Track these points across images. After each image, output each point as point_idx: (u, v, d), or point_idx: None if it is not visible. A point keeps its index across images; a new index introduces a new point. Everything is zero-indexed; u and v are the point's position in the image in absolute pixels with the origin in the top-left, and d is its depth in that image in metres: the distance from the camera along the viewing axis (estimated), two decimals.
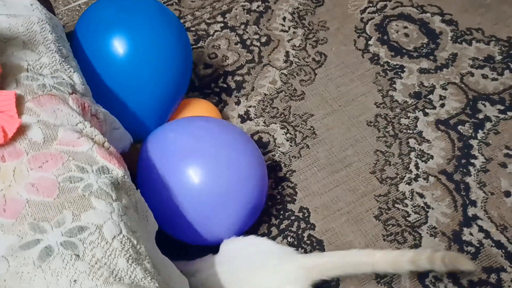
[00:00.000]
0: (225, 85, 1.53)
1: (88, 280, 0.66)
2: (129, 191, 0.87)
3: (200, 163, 1.13)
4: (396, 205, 1.27)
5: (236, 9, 1.70)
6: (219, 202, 1.12)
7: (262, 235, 1.24)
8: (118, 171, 0.83)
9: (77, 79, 0.96)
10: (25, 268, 0.66)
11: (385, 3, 1.68)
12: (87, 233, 0.70)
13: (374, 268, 1.05)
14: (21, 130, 0.78)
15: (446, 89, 1.47)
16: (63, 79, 0.91)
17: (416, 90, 1.48)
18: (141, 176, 1.17)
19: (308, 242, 1.23)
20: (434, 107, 1.44)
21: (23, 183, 0.73)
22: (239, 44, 1.62)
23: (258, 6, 1.70)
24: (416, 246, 1.20)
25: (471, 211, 1.25)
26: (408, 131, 1.40)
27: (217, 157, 1.14)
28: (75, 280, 0.65)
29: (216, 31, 1.66)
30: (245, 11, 1.70)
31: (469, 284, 1.14)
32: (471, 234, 1.21)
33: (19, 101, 0.81)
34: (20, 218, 0.70)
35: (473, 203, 1.26)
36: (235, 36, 1.64)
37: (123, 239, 0.73)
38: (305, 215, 1.27)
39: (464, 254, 1.18)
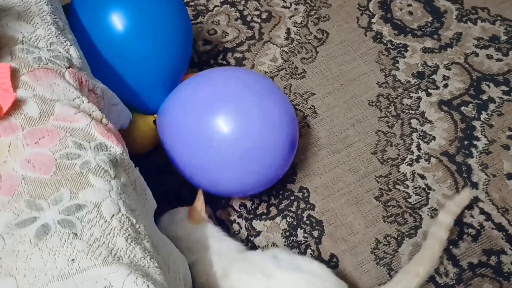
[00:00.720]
0: (224, 62, 1.49)
1: (86, 259, 0.64)
2: (127, 168, 0.85)
3: (227, 112, 1.07)
4: (397, 186, 1.26)
5: None
6: (250, 152, 1.06)
7: (261, 214, 1.23)
8: (116, 148, 0.81)
9: (74, 52, 0.93)
10: (22, 246, 0.64)
11: None
12: (85, 211, 0.68)
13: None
14: (17, 105, 0.75)
15: (450, 69, 1.45)
16: (60, 52, 0.88)
17: (420, 70, 1.45)
18: (166, 132, 1.14)
19: (308, 222, 1.22)
20: (437, 88, 1.41)
21: (18, 159, 0.71)
22: (239, 20, 1.58)
23: None
24: (417, 227, 1.19)
25: (472, 193, 1.23)
26: (411, 111, 1.38)
27: (244, 105, 1.08)
28: (73, 259, 0.64)
29: (215, 6, 1.62)
30: None
31: (469, 266, 1.13)
32: (472, 216, 1.20)
33: (14, 74, 0.78)
34: (16, 195, 0.68)
35: (475, 185, 1.25)
36: (235, 12, 1.60)
37: (122, 217, 0.71)
38: (305, 195, 1.26)
39: (465, 236, 1.17)
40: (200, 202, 1.10)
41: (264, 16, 1.59)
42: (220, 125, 1.05)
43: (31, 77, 0.80)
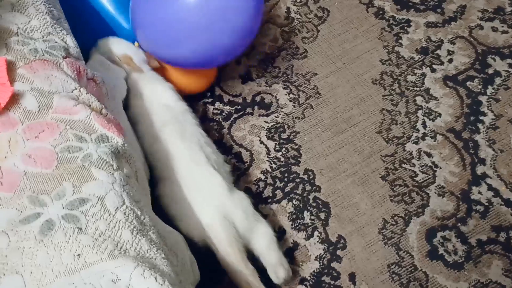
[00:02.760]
0: None
1: (92, 254, 0.63)
2: (129, 159, 0.84)
3: None
4: (403, 165, 1.25)
5: None
6: (213, 21, 1.08)
7: (267, 198, 1.22)
8: (117, 139, 0.80)
9: (70, 42, 0.92)
10: (27, 243, 0.64)
11: None
12: (89, 205, 0.68)
13: None
14: (14, 99, 0.74)
15: (454, 44, 1.42)
16: (56, 42, 0.87)
17: (423, 46, 1.42)
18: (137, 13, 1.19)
19: (314, 204, 1.21)
20: (442, 63, 1.39)
21: (19, 154, 0.70)
22: None
23: None
24: (424, 206, 1.18)
25: (480, 169, 1.22)
26: (415, 88, 1.36)
27: None
28: (78, 254, 0.63)
29: None
30: None
31: (478, 243, 1.13)
32: (480, 193, 1.19)
33: (10, 68, 0.77)
34: (18, 191, 0.67)
35: (482, 161, 1.23)
36: None
37: (127, 210, 0.70)
38: (310, 177, 1.25)
39: (473, 213, 1.16)
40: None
41: None
42: None
43: (28, 69, 0.78)
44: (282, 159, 1.28)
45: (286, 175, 1.25)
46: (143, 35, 1.20)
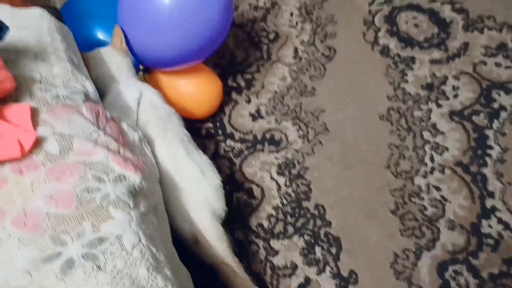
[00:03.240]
0: (235, 84, 1.52)
1: None
2: (148, 194, 0.87)
3: None
4: (412, 199, 1.27)
5: (242, 6, 1.69)
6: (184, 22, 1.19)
7: (278, 233, 1.24)
8: (135, 177, 0.83)
9: (89, 86, 0.96)
10: (48, 281, 0.66)
11: None
12: (107, 243, 0.71)
13: None
14: (38, 143, 0.78)
15: (459, 79, 1.45)
16: (76, 88, 0.92)
17: (428, 82, 1.46)
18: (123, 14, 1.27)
19: (325, 239, 1.22)
20: (448, 98, 1.42)
21: (41, 195, 0.74)
22: (247, 41, 1.61)
23: (265, 3, 1.69)
24: (434, 240, 1.19)
25: (489, 202, 1.23)
26: (422, 123, 1.39)
27: None
28: None
29: None
30: (252, 8, 1.69)
31: (490, 277, 1.13)
32: (490, 226, 1.20)
33: (34, 113, 0.81)
34: (40, 231, 0.70)
35: (491, 195, 1.25)
36: (243, 34, 1.63)
37: (143, 248, 0.73)
38: (321, 212, 1.27)
39: (484, 246, 1.17)
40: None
41: (271, 36, 1.62)
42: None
43: (50, 114, 0.82)
44: (293, 194, 1.30)
45: (297, 210, 1.28)
46: (130, 37, 1.29)
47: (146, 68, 1.37)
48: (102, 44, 1.29)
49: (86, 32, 1.32)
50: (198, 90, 1.39)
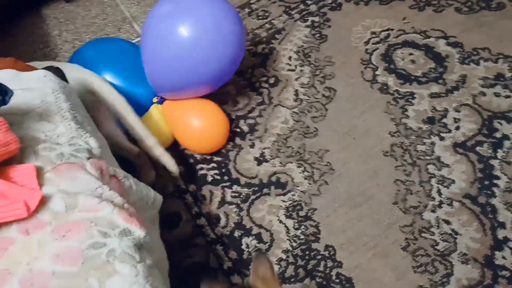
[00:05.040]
0: (238, 130, 1.54)
1: None
2: (152, 249, 0.87)
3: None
4: (423, 234, 1.25)
5: None
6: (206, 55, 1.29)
7: (290, 277, 1.22)
8: (140, 232, 0.84)
9: (93, 143, 0.98)
10: None
11: (387, 32, 1.70)
12: None
13: None
14: (43, 202, 0.79)
15: (459, 111, 1.46)
16: (80, 145, 0.94)
17: (429, 115, 1.47)
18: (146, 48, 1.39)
19: (337, 280, 1.21)
20: (450, 131, 1.43)
21: (48, 254, 0.74)
22: (248, 87, 1.65)
23: (263, 49, 1.74)
24: (449, 275, 1.17)
25: (501, 233, 1.22)
26: (426, 157, 1.39)
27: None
28: None
29: None
30: (251, 54, 1.73)
31: None
32: (504, 257, 1.18)
33: (39, 173, 0.83)
34: None
35: (502, 225, 1.23)
36: (243, 80, 1.67)
37: None
38: (331, 253, 1.26)
39: (499, 279, 1.15)
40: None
41: (271, 81, 1.65)
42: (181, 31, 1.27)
43: (55, 173, 0.84)
44: (302, 237, 1.29)
45: (307, 252, 1.27)
46: (150, 74, 1.41)
47: (159, 100, 1.48)
48: None
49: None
50: (206, 125, 1.44)
